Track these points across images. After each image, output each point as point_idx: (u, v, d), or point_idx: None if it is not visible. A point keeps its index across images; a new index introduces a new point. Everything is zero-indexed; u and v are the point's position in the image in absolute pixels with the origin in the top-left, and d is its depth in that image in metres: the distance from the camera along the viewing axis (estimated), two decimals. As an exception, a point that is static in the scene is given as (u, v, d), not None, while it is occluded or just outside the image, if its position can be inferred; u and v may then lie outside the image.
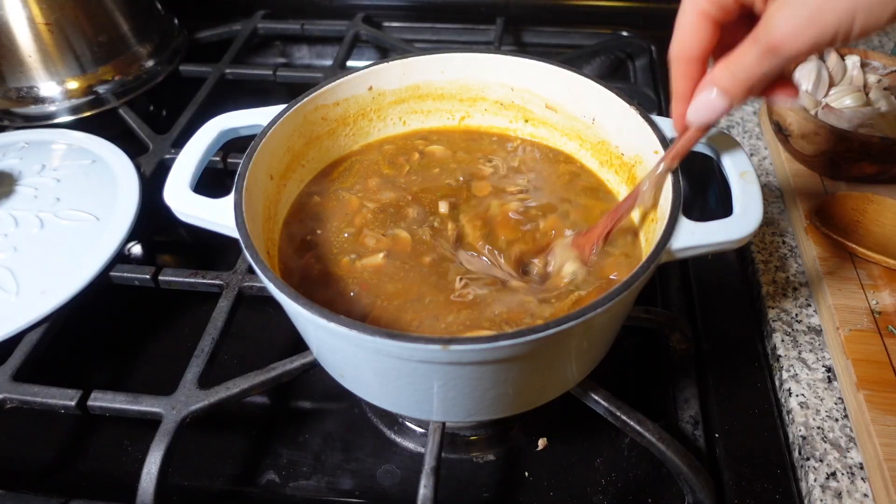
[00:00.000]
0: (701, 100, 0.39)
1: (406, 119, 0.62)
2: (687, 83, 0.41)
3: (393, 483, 0.56)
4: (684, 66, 0.40)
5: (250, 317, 0.65)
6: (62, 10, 0.79)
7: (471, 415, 0.45)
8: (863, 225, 0.65)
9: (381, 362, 0.41)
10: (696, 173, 0.78)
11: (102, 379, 0.65)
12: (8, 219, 0.65)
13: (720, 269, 0.68)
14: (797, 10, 0.33)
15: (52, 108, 0.82)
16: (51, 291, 0.59)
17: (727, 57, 0.38)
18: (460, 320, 0.45)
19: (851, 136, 0.65)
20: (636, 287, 0.39)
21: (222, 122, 0.52)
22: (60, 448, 0.59)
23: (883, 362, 0.55)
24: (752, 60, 0.36)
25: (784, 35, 0.34)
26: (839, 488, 0.50)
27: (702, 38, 0.39)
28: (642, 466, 0.56)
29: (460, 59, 0.59)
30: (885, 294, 0.60)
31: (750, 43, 0.36)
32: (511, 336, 0.36)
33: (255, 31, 1.03)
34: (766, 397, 0.57)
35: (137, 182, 0.71)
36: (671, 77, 0.42)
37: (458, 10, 1.07)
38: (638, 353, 0.64)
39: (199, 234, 0.49)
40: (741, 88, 0.38)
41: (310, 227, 0.53)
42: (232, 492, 0.56)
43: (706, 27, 0.38)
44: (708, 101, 0.39)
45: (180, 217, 0.47)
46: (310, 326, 0.43)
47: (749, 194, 0.44)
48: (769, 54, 0.35)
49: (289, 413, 0.61)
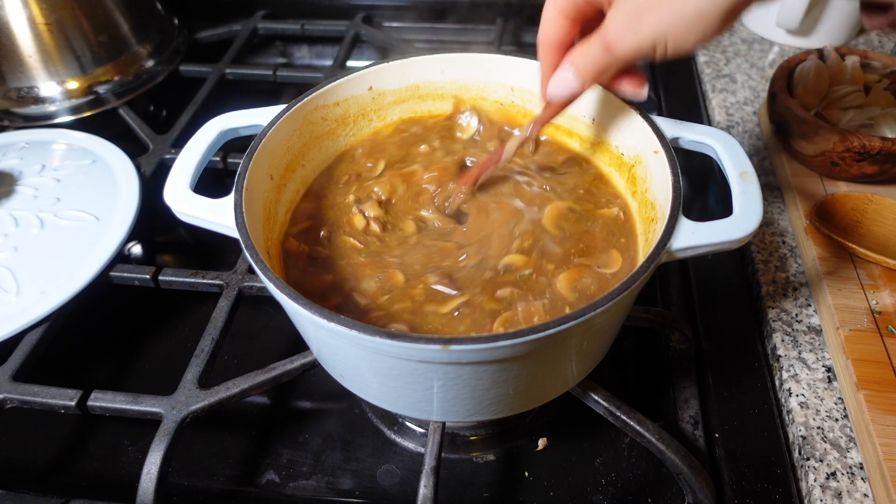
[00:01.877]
0: (558, 78, 0.45)
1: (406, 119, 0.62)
2: (549, 66, 0.46)
3: (393, 483, 0.56)
4: (547, 52, 0.46)
5: (250, 317, 0.65)
6: (62, 10, 0.80)
7: (471, 415, 0.45)
8: (863, 225, 0.65)
9: (381, 362, 0.41)
10: (696, 173, 0.78)
11: (102, 379, 0.65)
12: (8, 219, 0.65)
13: (720, 269, 0.68)
14: (623, 20, 0.40)
15: (53, 108, 0.82)
16: (51, 291, 0.59)
17: (581, 45, 0.43)
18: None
19: (851, 136, 0.65)
20: (636, 287, 0.39)
21: (222, 122, 0.52)
22: (60, 448, 0.59)
23: (883, 362, 0.55)
24: (595, 53, 0.42)
25: (614, 37, 0.40)
26: (839, 488, 0.50)
27: (560, 31, 0.45)
28: (642, 466, 0.56)
29: (460, 59, 0.59)
30: (885, 294, 0.60)
31: (595, 38, 0.42)
32: (511, 336, 0.36)
33: (255, 31, 1.03)
34: (766, 397, 0.57)
35: (137, 182, 0.71)
36: (539, 60, 0.47)
37: (457, 10, 1.07)
38: (638, 353, 0.64)
39: (199, 234, 0.49)
40: (590, 74, 0.43)
41: (310, 226, 0.53)
42: (232, 492, 0.56)
43: (564, 23, 0.44)
44: (564, 79, 0.45)
45: (180, 217, 0.47)
46: (310, 326, 0.43)
47: (749, 194, 0.44)
48: (606, 51, 0.41)
49: (289, 413, 0.61)
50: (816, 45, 0.95)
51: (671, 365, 0.60)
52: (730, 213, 0.43)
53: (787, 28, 0.94)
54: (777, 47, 0.98)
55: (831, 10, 0.92)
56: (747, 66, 0.94)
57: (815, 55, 0.76)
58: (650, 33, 0.38)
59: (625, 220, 0.52)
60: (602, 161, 0.57)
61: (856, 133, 0.65)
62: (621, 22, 0.39)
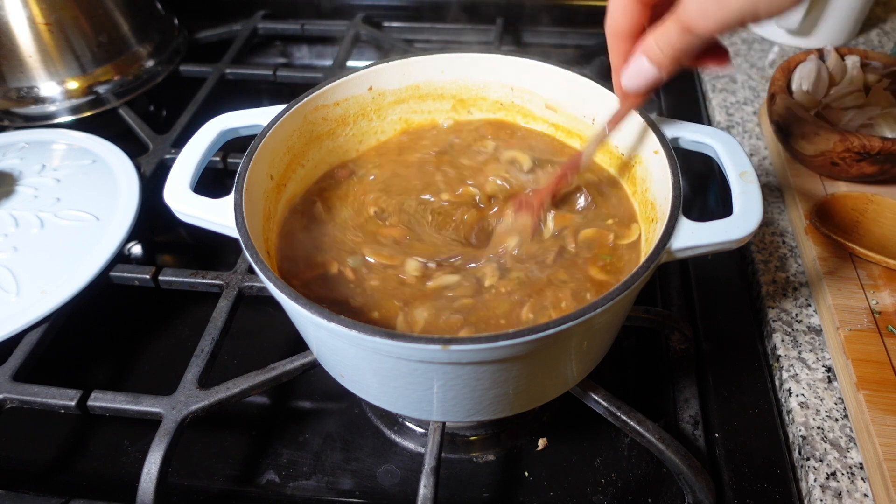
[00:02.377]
0: (633, 68, 0.43)
1: (406, 119, 0.62)
2: (621, 57, 0.44)
3: (393, 483, 0.56)
4: (617, 41, 0.43)
5: (250, 317, 0.65)
6: (62, 10, 0.80)
7: (471, 415, 0.45)
8: (863, 225, 0.65)
9: (381, 362, 0.41)
10: (696, 173, 0.78)
11: (102, 379, 0.65)
12: (8, 219, 0.65)
13: (720, 269, 0.68)
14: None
15: (53, 108, 0.82)
16: (51, 291, 0.59)
17: (654, 30, 0.40)
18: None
19: (851, 136, 0.65)
20: (636, 287, 0.39)
21: (222, 122, 0.52)
22: (60, 448, 0.59)
23: (883, 362, 0.55)
24: (672, 36, 0.39)
25: (695, 16, 0.37)
26: (839, 488, 0.50)
27: (631, 18, 0.42)
28: (642, 466, 0.56)
29: (460, 59, 0.59)
30: (885, 294, 0.60)
31: (671, 20, 0.39)
32: (511, 336, 0.36)
33: (255, 31, 1.03)
34: (766, 397, 0.57)
35: (137, 182, 0.71)
36: (609, 51, 0.44)
37: (458, 10, 1.07)
38: (638, 353, 0.64)
39: (199, 234, 0.49)
40: (667, 59, 0.41)
41: (310, 226, 0.53)
42: (232, 492, 0.56)
43: (634, 7, 0.41)
44: (639, 68, 0.42)
45: (180, 217, 0.47)
46: (310, 326, 0.43)
47: (749, 194, 0.44)
48: (685, 32, 0.38)
49: (289, 413, 0.61)
50: (816, 45, 0.95)
51: (671, 365, 0.60)
52: (730, 213, 0.43)
53: (787, 28, 0.94)
54: (777, 47, 0.98)
55: (831, 10, 0.92)
56: (747, 66, 0.94)
57: (815, 55, 0.76)
58: (738, 4, 0.35)
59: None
60: (602, 161, 0.57)
61: (856, 133, 0.65)
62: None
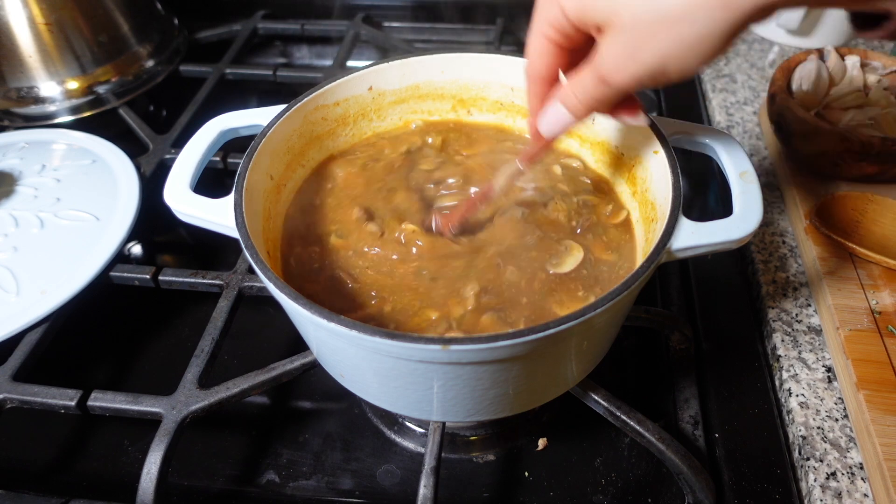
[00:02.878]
0: (550, 113, 0.43)
1: (406, 119, 0.62)
2: (538, 100, 0.44)
3: (393, 483, 0.56)
4: (535, 85, 0.43)
5: (250, 317, 0.65)
6: (62, 10, 0.80)
7: (471, 415, 0.45)
8: (863, 225, 0.65)
9: (381, 362, 0.41)
10: (696, 173, 0.78)
11: (102, 379, 0.65)
12: (8, 219, 0.65)
13: (720, 269, 0.68)
14: (620, 49, 0.36)
15: (52, 108, 0.82)
16: (51, 291, 0.59)
17: (572, 78, 0.40)
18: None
19: (851, 136, 0.65)
20: (636, 287, 0.39)
21: (222, 122, 0.52)
22: (60, 448, 0.59)
23: (883, 362, 0.55)
24: (588, 85, 0.39)
25: (610, 69, 0.37)
26: (839, 488, 0.50)
27: (548, 62, 0.42)
28: (642, 466, 0.56)
29: (460, 59, 0.59)
30: (885, 294, 0.60)
31: (587, 70, 0.39)
32: (511, 336, 0.36)
33: (255, 31, 1.03)
34: (766, 397, 0.57)
35: (137, 182, 0.71)
36: (527, 93, 0.45)
37: (458, 10, 1.07)
38: (638, 353, 0.64)
39: (199, 234, 0.49)
40: (582, 107, 0.41)
41: (310, 226, 0.53)
42: (232, 492, 0.56)
43: (552, 51, 0.41)
44: (555, 115, 0.42)
45: (180, 217, 0.47)
46: (310, 326, 0.43)
47: (749, 194, 0.44)
48: (601, 83, 0.38)
49: (289, 413, 0.61)
50: (816, 45, 0.95)
51: (671, 365, 0.60)
52: (730, 213, 0.43)
53: (787, 28, 0.94)
54: (777, 47, 0.98)
55: (831, 9, 0.92)
56: (747, 66, 0.94)
57: (815, 55, 0.76)
58: (650, 61, 0.36)
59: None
60: (602, 161, 0.57)
61: (856, 133, 0.65)
62: (618, 51, 0.36)
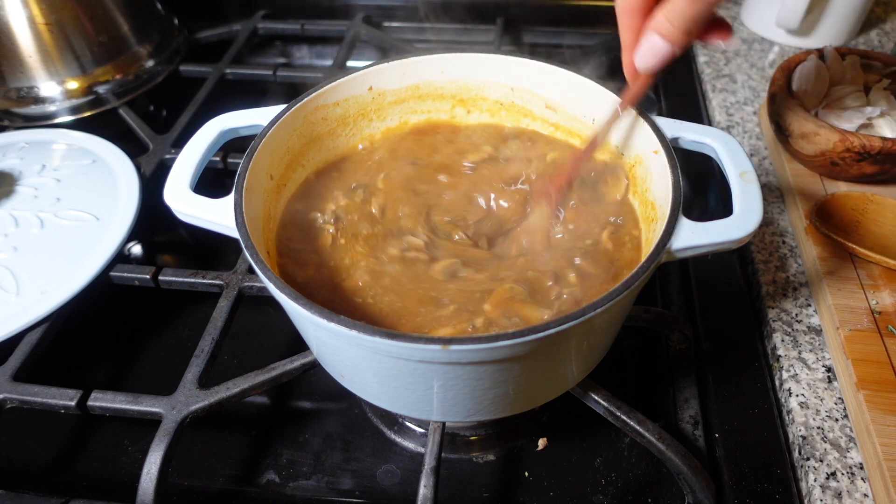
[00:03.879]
0: (645, 46, 0.43)
1: (406, 119, 0.62)
2: (632, 34, 0.44)
3: (393, 483, 0.56)
4: (628, 18, 0.43)
5: (250, 317, 0.65)
6: (62, 10, 0.80)
7: (471, 415, 0.45)
8: (863, 225, 0.65)
9: (381, 362, 0.41)
10: (696, 173, 0.78)
11: (102, 379, 0.65)
12: (8, 219, 0.65)
13: (720, 269, 0.68)
14: None
15: (52, 108, 0.82)
16: (51, 291, 0.59)
17: (663, 5, 0.41)
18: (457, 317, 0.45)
19: (851, 136, 0.65)
20: (636, 287, 0.39)
21: (222, 122, 0.52)
22: (60, 448, 0.59)
23: (883, 362, 0.55)
24: (682, 6, 0.40)
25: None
26: (839, 488, 0.50)
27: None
28: (642, 466, 0.56)
29: (460, 59, 0.59)
30: (885, 294, 0.60)
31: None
32: (511, 336, 0.36)
33: (255, 31, 1.03)
34: (766, 397, 0.57)
35: (137, 182, 0.71)
36: (619, 29, 0.44)
37: (458, 10, 1.07)
38: (638, 353, 0.64)
39: (199, 234, 0.49)
40: (679, 33, 0.41)
41: (310, 225, 0.53)
42: (232, 492, 0.56)
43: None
44: (652, 46, 0.42)
45: (180, 217, 0.47)
46: (310, 326, 0.43)
47: (749, 194, 0.44)
48: (696, 1, 0.39)
49: (289, 413, 0.61)
50: (816, 45, 0.95)
51: (671, 365, 0.60)
52: (730, 213, 0.43)
53: (787, 28, 0.94)
54: (777, 47, 0.98)
55: (831, 10, 0.92)
56: (747, 66, 0.94)
57: (815, 55, 0.76)
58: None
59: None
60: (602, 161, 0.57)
61: (856, 133, 0.65)
62: None
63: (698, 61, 0.96)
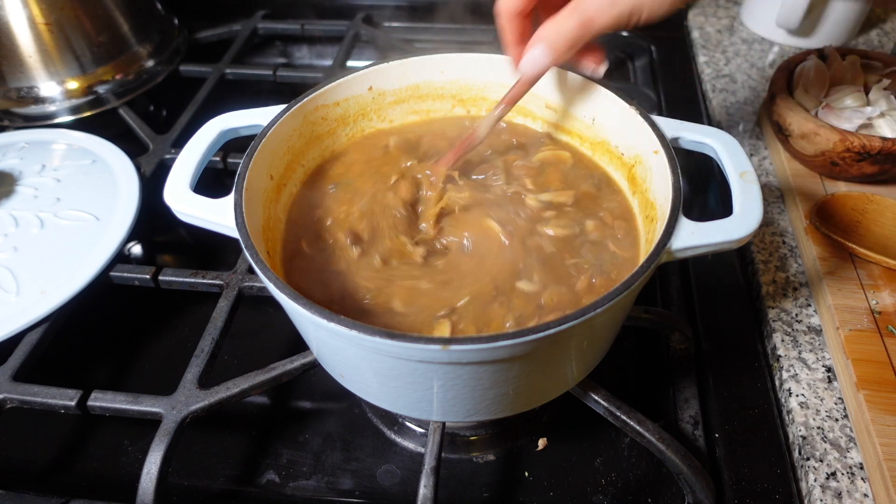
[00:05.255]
0: (528, 56, 0.46)
1: (406, 119, 0.62)
2: (512, 35, 0.48)
3: (393, 483, 0.56)
4: (507, 20, 0.48)
5: (250, 317, 0.65)
6: (62, 10, 0.80)
7: (471, 415, 0.45)
8: (863, 225, 0.65)
9: (381, 362, 0.41)
10: (696, 173, 0.78)
11: (102, 379, 0.65)
12: (8, 219, 0.65)
13: (720, 269, 0.68)
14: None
15: (52, 108, 0.82)
16: (51, 291, 0.59)
17: (553, 19, 0.44)
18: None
19: (851, 136, 0.65)
20: (636, 287, 0.39)
21: (222, 122, 0.52)
22: (60, 448, 0.59)
23: (883, 362, 0.55)
24: (570, 27, 0.43)
25: (593, 12, 0.42)
26: (839, 488, 0.50)
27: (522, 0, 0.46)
28: (642, 466, 0.56)
29: (460, 59, 0.59)
30: (885, 294, 0.60)
31: (569, 11, 0.43)
32: (511, 336, 0.36)
33: (255, 31, 1.03)
34: (766, 397, 0.57)
35: (137, 182, 0.71)
36: (499, 29, 0.48)
37: (458, 9, 1.06)
38: (638, 353, 0.64)
39: (199, 234, 0.49)
40: (563, 49, 0.44)
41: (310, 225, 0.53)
42: (232, 492, 0.56)
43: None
44: (533, 57, 0.45)
45: (180, 217, 0.47)
46: (310, 326, 0.43)
47: (749, 194, 0.44)
48: (584, 26, 0.42)
49: (289, 413, 0.61)
50: (816, 45, 0.95)
51: (671, 365, 0.60)
52: (730, 213, 0.43)
53: (787, 28, 0.94)
54: (777, 47, 0.98)
55: (831, 10, 0.92)
56: (747, 66, 0.94)
57: (815, 55, 0.76)
58: (628, 4, 0.41)
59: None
60: (602, 161, 0.57)
61: (856, 133, 0.65)
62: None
63: (698, 61, 0.96)
